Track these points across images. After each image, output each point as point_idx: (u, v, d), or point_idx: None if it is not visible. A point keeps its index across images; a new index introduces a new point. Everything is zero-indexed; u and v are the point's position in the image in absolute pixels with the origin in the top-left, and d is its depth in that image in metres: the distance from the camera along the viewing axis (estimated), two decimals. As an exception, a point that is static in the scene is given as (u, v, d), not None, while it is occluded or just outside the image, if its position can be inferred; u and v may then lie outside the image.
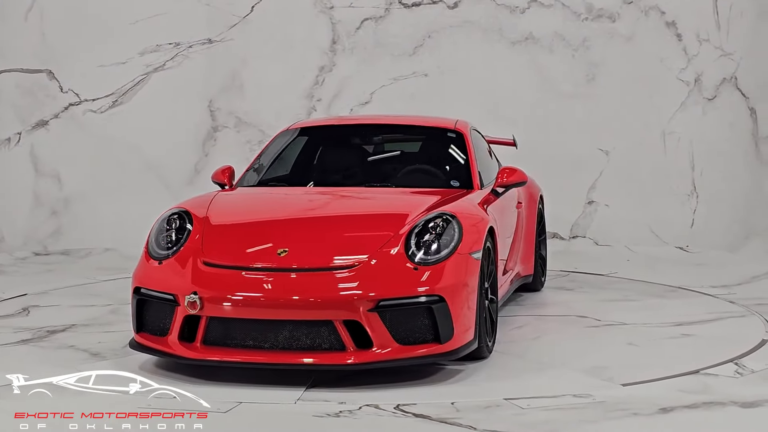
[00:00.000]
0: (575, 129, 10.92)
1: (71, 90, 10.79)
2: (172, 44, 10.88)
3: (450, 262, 5.63)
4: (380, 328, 5.42)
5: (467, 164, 7.00)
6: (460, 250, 5.70)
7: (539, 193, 8.52)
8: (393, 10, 11.02)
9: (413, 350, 5.47)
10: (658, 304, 7.92)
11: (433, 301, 5.49)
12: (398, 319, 5.46)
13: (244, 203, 6.53)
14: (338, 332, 5.42)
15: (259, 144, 10.68)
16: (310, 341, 5.47)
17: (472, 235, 5.82)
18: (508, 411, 5.12)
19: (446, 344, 5.52)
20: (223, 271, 5.63)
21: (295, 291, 5.47)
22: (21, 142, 10.73)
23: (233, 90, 10.97)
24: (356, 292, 5.43)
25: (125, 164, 10.80)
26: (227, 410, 5.11)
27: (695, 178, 11.11)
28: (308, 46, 11.00)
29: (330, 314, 5.42)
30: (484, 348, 5.95)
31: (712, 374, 5.81)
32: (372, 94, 11.01)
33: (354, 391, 5.45)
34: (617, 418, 5.01)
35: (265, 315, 5.46)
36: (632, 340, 6.63)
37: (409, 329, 5.48)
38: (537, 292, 8.42)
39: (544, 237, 8.65)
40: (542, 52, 11.10)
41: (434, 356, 5.53)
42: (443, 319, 5.51)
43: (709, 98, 11.11)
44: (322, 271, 5.57)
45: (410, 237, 5.72)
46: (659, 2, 11.07)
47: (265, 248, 5.75)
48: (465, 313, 5.62)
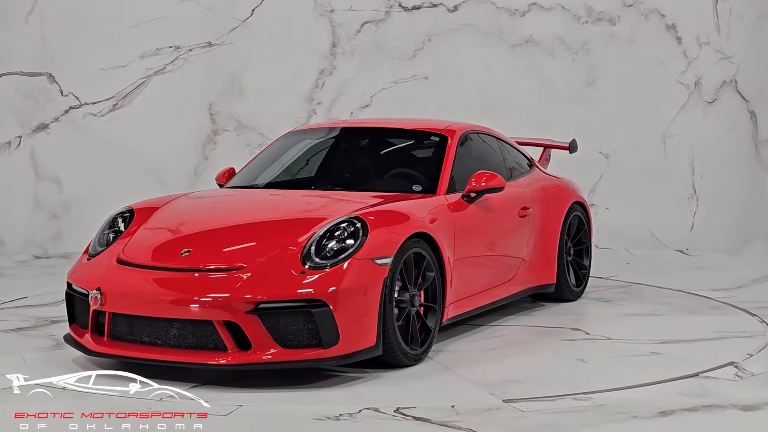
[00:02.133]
0: (575, 132, 10.91)
1: (71, 93, 10.80)
2: (173, 48, 10.89)
3: (343, 267, 5.57)
4: (260, 330, 5.45)
5: (438, 169, 6.89)
6: (360, 255, 5.63)
7: (574, 198, 8.19)
8: (393, 14, 11.03)
9: (297, 354, 5.48)
10: (668, 320, 7.58)
11: (315, 305, 5.47)
12: (279, 322, 5.48)
13: (189, 206, 6.65)
14: (219, 333, 5.49)
15: (259, 147, 10.69)
16: (196, 340, 5.56)
17: (380, 241, 5.74)
18: (508, 414, 5.12)
19: (331, 350, 5.49)
20: (128, 269, 5.86)
21: (182, 290, 5.60)
22: (21, 146, 10.73)
23: (233, 93, 10.97)
24: (237, 293, 5.48)
25: (125, 168, 10.80)
26: (228, 413, 5.11)
27: (695, 181, 11.11)
28: (308, 49, 11.01)
29: (210, 314, 5.49)
30: (401, 356, 5.84)
31: (712, 377, 5.81)
32: (372, 97, 11.02)
33: (354, 395, 5.45)
34: (617, 422, 5.01)
35: (155, 312, 5.61)
36: (589, 356, 6.34)
37: (291, 333, 5.49)
38: (564, 303, 8.04)
39: (587, 245, 8.33)
40: (542, 56, 11.11)
41: (320, 361, 5.50)
42: (325, 324, 5.47)
43: (709, 101, 11.12)
44: (213, 272, 5.65)
45: (312, 241, 5.72)
46: (659, 5, 11.08)
47: (172, 249, 5.93)
48: (358, 319, 5.56)
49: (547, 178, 8.16)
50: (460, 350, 6.47)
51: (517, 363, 6.18)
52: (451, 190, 6.79)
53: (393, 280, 5.77)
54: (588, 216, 8.42)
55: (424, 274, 6.14)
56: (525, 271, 7.54)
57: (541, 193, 7.79)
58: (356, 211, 5.98)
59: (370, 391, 5.53)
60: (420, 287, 6.09)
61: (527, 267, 7.56)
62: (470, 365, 6.01)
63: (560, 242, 7.90)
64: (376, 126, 7.61)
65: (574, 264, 8.21)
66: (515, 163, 7.86)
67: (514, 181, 7.57)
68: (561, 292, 8.02)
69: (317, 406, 5.25)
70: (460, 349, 6.49)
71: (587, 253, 8.36)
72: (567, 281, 8.02)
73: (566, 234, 8.02)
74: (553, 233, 7.84)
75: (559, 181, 8.28)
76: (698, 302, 8.17)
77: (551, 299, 8.07)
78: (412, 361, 5.95)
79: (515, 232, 7.42)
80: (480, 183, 6.76)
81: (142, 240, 6.12)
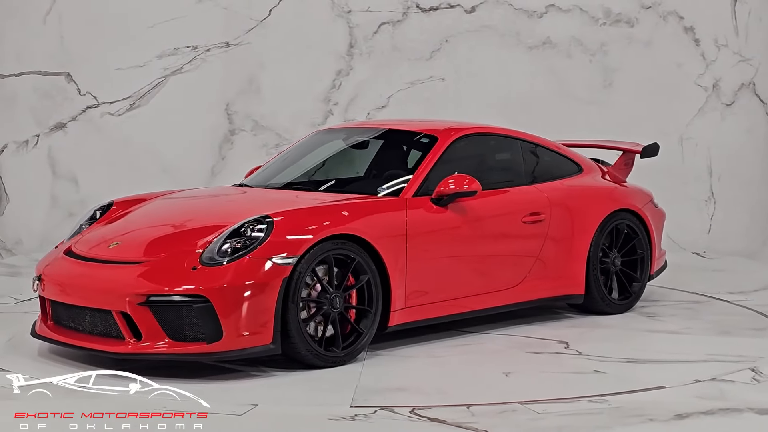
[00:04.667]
0: (592, 134, 10.88)
1: (89, 93, 10.83)
2: (190, 47, 10.91)
3: (235, 265, 5.69)
4: (151, 322, 5.67)
5: (412, 171, 6.81)
6: (256, 254, 5.72)
7: (619, 205, 7.68)
8: (410, 15, 11.03)
9: (185, 347, 5.65)
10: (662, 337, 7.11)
11: (197, 301, 5.61)
12: (168, 315, 5.66)
13: (157, 204, 6.86)
14: (116, 322, 5.75)
15: (276, 147, 10.72)
16: (104, 329, 5.85)
17: (284, 241, 5.80)
18: (524, 416, 5.11)
19: (214, 345, 5.63)
20: (66, 259, 6.25)
21: (93, 280, 5.94)
22: (39, 145, 10.77)
23: (250, 93, 10.99)
24: (131, 286, 5.73)
25: (142, 167, 10.83)
26: (243, 412, 5.12)
27: (713, 184, 11.08)
28: (325, 50, 11.01)
29: (108, 304, 5.76)
30: (309, 356, 5.87)
31: (728, 380, 5.79)
32: (389, 98, 11.01)
33: (369, 395, 5.45)
34: (633, 424, 4.99)
35: (73, 301, 5.99)
36: (516, 370, 6.05)
37: (180, 326, 5.66)
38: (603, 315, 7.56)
39: (642, 255, 7.73)
40: (560, 57, 11.09)
41: (207, 355, 5.65)
42: (208, 319, 5.62)
43: (727, 104, 11.08)
44: (122, 264, 5.93)
45: (218, 239, 5.84)
46: (677, 7, 11.05)
47: (106, 242, 6.24)
48: (248, 316, 5.64)
49: (587, 184, 7.73)
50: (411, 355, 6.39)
51: (437, 373, 6.02)
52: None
53: (299, 281, 5.80)
54: (646, 225, 7.82)
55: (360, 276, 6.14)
56: (537, 279, 7.23)
57: (566, 199, 7.43)
58: (274, 212, 6.02)
59: (385, 391, 5.54)
60: (346, 289, 6.07)
61: (542, 275, 7.25)
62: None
63: (591, 251, 7.45)
64: (375, 127, 7.67)
65: (623, 275, 7.71)
66: (548, 168, 7.59)
67: (529, 186, 7.34)
68: (594, 304, 7.56)
69: (332, 406, 5.25)
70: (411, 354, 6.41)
71: (641, 265, 7.78)
72: (602, 293, 7.52)
73: (603, 243, 7.52)
74: (580, 241, 7.43)
75: (603, 188, 7.83)
76: (715, 305, 8.14)
77: (588, 311, 7.61)
78: (328, 362, 5.96)
79: (516, 237, 7.12)
80: (448, 186, 6.61)
81: (93, 233, 6.47)
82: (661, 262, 8.17)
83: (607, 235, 7.61)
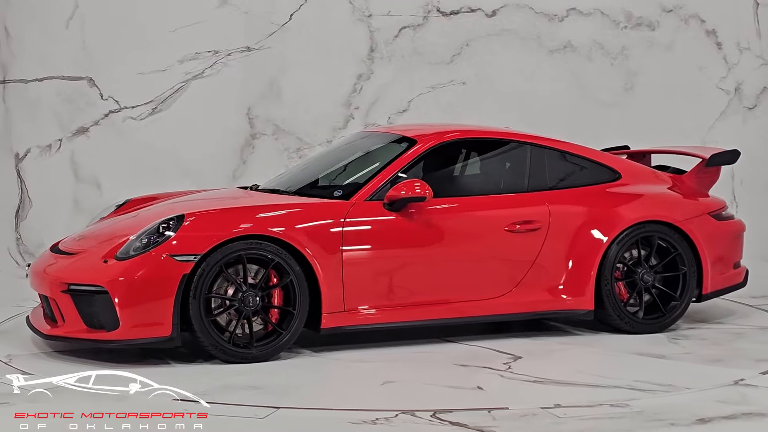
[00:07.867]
0: (613, 138, 10.85)
1: (111, 97, 10.87)
2: (211, 52, 10.94)
3: (138, 260, 6.09)
4: (70, 308, 6.22)
5: (371, 175, 6.82)
6: (158, 251, 6.09)
7: (649, 216, 7.17)
8: (431, 19, 11.03)
9: (92, 334, 6.14)
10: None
11: (97, 291, 6.08)
12: (81, 303, 6.16)
13: (165, 203, 7.20)
14: (51, 306, 6.38)
15: (297, 151, 10.74)
16: (50, 313, 6.45)
17: (189, 239, 6.10)
18: (546, 420, 5.10)
19: (112, 333, 6.05)
20: (47, 253, 6.87)
21: (45, 270, 6.51)
22: (62, 149, 10.82)
23: (271, 98, 11.00)
24: (59, 274, 6.35)
25: (164, 171, 10.86)
26: (265, 416, 5.13)
27: (735, 188, 11.03)
28: (346, 54, 11.02)
29: (46, 290, 6.41)
30: (217, 352, 6.15)
31: (751, 385, 5.77)
32: (410, 102, 11.01)
33: (390, 399, 5.46)
34: (655, 428, 4.98)
35: (37, 288, 6.60)
36: (399, 380, 5.92)
37: (90, 314, 6.14)
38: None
39: (684, 272, 7.22)
40: (581, 61, 11.07)
41: (108, 342, 6.08)
42: (105, 309, 6.07)
43: (749, 107, 11.04)
44: (66, 255, 6.54)
45: (137, 235, 6.26)
46: (699, 11, 11.01)
47: (88, 236, 6.77)
48: (147, 310, 6.02)
49: (613, 192, 7.30)
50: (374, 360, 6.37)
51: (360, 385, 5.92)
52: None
53: (203, 277, 6.08)
54: (690, 239, 7.28)
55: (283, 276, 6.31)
56: (530, 292, 6.91)
57: (575, 208, 7.10)
58: (193, 211, 6.30)
59: (406, 395, 5.54)
60: (265, 289, 6.24)
61: (537, 287, 6.94)
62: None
63: (602, 265, 7.01)
64: (375, 131, 7.84)
65: (658, 292, 7.23)
66: (567, 174, 7.28)
67: (530, 194, 7.04)
68: (609, 320, 7.12)
69: (353, 410, 5.26)
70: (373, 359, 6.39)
71: (684, 282, 7.25)
72: (619, 310, 7.06)
73: (620, 257, 7.09)
74: (588, 254, 7.01)
75: (631, 196, 7.34)
76: (737, 309, 8.11)
77: (610, 327, 7.15)
78: (236, 358, 6.19)
79: (498, 246, 6.87)
80: (398, 191, 6.54)
81: (92, 227, 7.08)
82: (726, 280, 7.67)
83: (631, 247, 7.15)
